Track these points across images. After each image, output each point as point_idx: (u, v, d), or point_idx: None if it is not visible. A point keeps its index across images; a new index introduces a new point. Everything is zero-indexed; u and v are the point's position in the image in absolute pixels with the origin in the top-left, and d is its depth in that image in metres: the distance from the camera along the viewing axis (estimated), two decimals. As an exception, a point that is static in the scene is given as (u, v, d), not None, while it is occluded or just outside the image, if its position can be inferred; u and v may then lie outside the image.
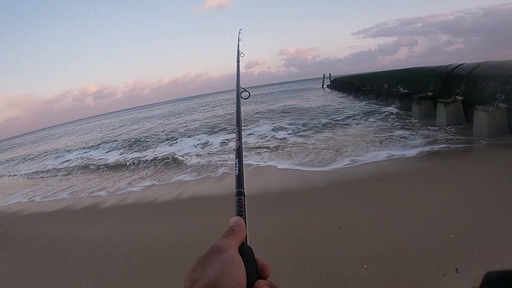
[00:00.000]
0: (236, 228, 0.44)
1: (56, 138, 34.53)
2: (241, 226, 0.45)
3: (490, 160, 4.86)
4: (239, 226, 0.45)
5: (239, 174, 0.62)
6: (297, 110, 17.80)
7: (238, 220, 0.46)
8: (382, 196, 3.99)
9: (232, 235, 0.42)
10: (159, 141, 13.87)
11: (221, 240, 0.41)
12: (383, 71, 19.10)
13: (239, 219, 0.47)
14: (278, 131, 10.96)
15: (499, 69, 6.89)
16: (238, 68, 1.43)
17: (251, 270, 0.39)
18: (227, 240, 0.41)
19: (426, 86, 9.89)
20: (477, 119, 6.28)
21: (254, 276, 0.39)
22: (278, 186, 5.02)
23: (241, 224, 0.45)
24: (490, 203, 3.29)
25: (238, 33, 2.01)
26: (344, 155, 6.34)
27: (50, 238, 4.54)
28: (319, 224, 3.42)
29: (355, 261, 2.62)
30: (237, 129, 0.80)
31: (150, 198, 5.61)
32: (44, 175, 11.08)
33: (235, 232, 0.43)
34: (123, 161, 10.24)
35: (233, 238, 0.42)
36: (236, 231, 0.43)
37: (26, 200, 7.74)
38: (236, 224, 0.45)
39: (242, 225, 0.45)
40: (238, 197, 0.56)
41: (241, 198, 0.55)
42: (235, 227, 0.44)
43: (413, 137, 7.08)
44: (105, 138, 20.04)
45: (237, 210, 0.53)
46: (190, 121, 21.29)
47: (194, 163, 7.92)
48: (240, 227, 0.44)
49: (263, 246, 3.07)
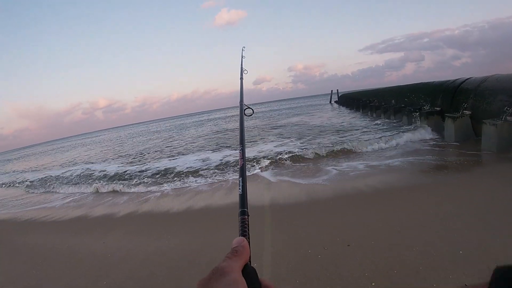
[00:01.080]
0: (240, 249, 0.43)
1: (64, 151, 35.22)
2: (245, 247, 0.44)
3: (500, 174, 4.78)
4: (242, 247, 0.44)
5: (242, 193, 0.61)
6: (304, 127, 17.79)
7: (242, 241, 0.45)
8: (390, 211, 3.96)
9: (235, 256, 0.41)
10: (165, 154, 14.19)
11: (224, 262, 0.40)
12: (390, 87, 19.09)
13: (242, 239, 0.46)
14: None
15: (506, 82, 6.88)
16: (241, 85, 1.43)
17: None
18: (230, 261, 0.40)
19: (434, 101, 9.89)
20: (485, 133, 6.22)
21: None
22: (283, 203, 5.03)
23: (244, 245, 0.44)
24: (499, 219, 3.23)
25: (241, 51, 2.02)
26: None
27: (56, 249, 4.62)
28: (326, 241, 3.40)
29: (363, 278, 2.60)
30: (241, 147, 0.78)
31: (157, 213, 5.67)
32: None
33: (238, 253, 0.42)
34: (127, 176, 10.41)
35: (236, 259, 0.41)
36: (239, 252, 0.42)
37: (33, 209, 7.91)
38: (240, 245, 0.44)
39: (245, 246, 0.44)
40: (242, 217, 0.54)
41: (245, 218, 0.54)
42: (239, 248, 0.43)
43: (422, 152, 7.02)
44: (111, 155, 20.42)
45: (241, 230, 0.52)
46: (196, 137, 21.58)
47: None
48: (243, 248, 0.43)
49: (270, 263, 3.07)
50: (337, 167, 6.98)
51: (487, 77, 7.78)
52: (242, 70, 1.68)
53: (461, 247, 2.78)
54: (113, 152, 21.18)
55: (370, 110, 18.62)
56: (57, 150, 38.78)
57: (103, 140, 45.06)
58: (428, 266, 2.59)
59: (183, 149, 15.69)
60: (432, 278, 2.43)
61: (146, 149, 19.42)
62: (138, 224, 5.31)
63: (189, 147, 16.21)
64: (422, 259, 2.70)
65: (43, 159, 27.99)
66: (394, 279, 2.51)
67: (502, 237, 2.83)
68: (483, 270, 2.40)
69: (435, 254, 2.75)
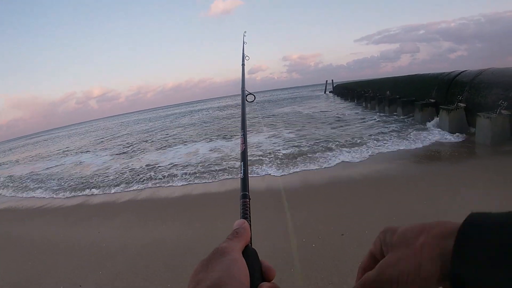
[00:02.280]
0: (241, 230, 0.43)
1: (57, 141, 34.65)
2: (246, 229, 0.44)
3: (493, 167, 4.85)
4: (243, 228, 0.44)
5: (244, 177, 0.61)
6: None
7: (243, 223, 0.46)
8: (385, 202, 3.98)
9: (236, 237, 0.42)
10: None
11: (225, 243, 0.40)
12: (385, 78, 19.03)
13: (243, 221, 0.46)
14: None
15: (502, 76, 6.90)
16: (243, 71, 1.38)
17: (255, 272, 0.39)
18: (231, 242, 0.40)
19: (428, 93, 9.90)
20: (479, 126, 6.27)
21: (258, 279, 0.39)
22: (280, 190, 5.02)
23: (245, 227, 0.45)
24: (492, 210, 3.27)
25: (243, 36, 1.92)
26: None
27: (51, 240, 4.56)
28: (321, 230, 3.41)
29: (357, 267, 2.60)
30: (242, 132, 0.78)
31: (153, 202, 5.63)
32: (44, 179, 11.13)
33: (239, 234, 0.42)
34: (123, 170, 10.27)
35: (237, 240, 0.41)
36: (240, 234, 0.43)
37: (28, 201, 7.79)
38: (241, 227, 0.44)
39: (246, 227, 0.45)
40: (243, 200, 0.55)
41: (246, 201, 0.55)
42: (240, 229, 0.44)
43: (415, 142, 7.05)
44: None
45: (242, 212, 0.52)
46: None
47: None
48: (244, 230, 0.44)
49: (266, 251, 3.06)
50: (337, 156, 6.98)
51: (482, 71, 7.80)
52: (243, 56, 1.58)
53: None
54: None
55: (364, 100, 18.62)
56: (51, 141, 37.87)
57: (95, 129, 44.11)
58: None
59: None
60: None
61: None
62: (134, 213, 5.26)
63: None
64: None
65: (35, 150, 27.05)
66: (388, 268, 2.52)
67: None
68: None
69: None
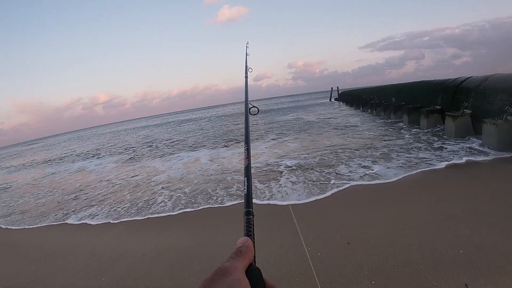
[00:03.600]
0: (244, 249, 0.42)
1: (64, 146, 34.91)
2: (249, 247, 0.43)
3: (500, 173, 4.78)
4: (246, 247, 0.43)
5: (247, 193, 0.60)
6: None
7: (246, 241, 0.45)
8: (390, 210, 3.95)
9: (239, 256, 0.41)
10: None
11: (227, 262, 0.39)
12: (390, 85, 19.02)
13: (247, 239, 0.46)
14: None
15: (507, 82, 6.85)
16: (246, 84, 1.35)
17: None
18: (234, 261, 0.39)
19: (434, 100, 9.87)
20: (485, 132, 6.22)
21: None
22: (283, 198, 5.03)
23: (249, 245, 0.44)
24: (499, 218, 3.23)
25: (246, 48, 1.90)
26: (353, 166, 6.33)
27: (54, 245, 4.61)
28: (326, 239, 3.40)
29: (363, 277, 2.60)
30: (246, 147, 0.76)
31: (155, 210, 5.65)
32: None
33: (242, 253, 0.41)
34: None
35: (240, 259, 0.40)
36: (243, 253, 0.42)
37: (33, 204, 7.88)
38: (244, 245, 0.43)
39: (250, 246, 0.44)
40: (247, 217, 0.53)
41: (250, 218, 0.53)
42: (243, 248, 0.43)
43: (422, 151, 7.01)
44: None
45: (246, 230, 0.51)
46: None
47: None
48: (248, 248, 0.43)
49: (270, 260, 3.07)
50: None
51: (488, 77, 7.76)
52: (246, 68, 1.58)
53: (461, 246, 2.79)
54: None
55: (370, 107, 18.66)
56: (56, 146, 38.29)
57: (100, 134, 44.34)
58: (429, 265, 2.58)
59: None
60: (432, 277, 2.43)
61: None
62: (137, 220, 5.30)
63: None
64: (422, 258, 2.70)
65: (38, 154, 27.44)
66: (394, 278, 2.51)
67: (502, 237, 2.83)
68: (483, 270, 2.40)
69: (435, 254, 2.75)
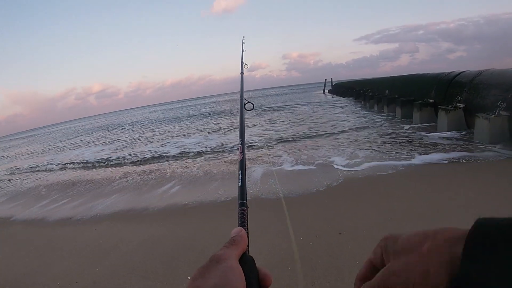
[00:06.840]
0: (238, 238, 0.44)
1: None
2: (243, 237, 0.45)
3: (491, 167, 4.86)
4: (240, 236, 0.45)
5: (242, 186, 0.62)
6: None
7: (240, 231, 0.47)
8: (382, 202, 3.98)
9: (233, 245, 0.43)
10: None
11: (221, 250, 0.41)
12: (384, 77, 19.13)
13: (240, 229, 0.47)
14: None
15: (501, 77, 6.90)
16: (241, 80, 1.36)
17: (252, 280, 0.40)
18: (227, 250, 0.41)
19: (427, 93, 9.91)
20: (478, 126, 6.29)
21: (255, 286, 0.40)
22: (277, 188, 5.01)
23: (242, 235, 0.46)
24: (490, 210, 3.28)
25: (242, 43, 1.88)
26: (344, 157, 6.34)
27: (48, 237, 4.53)
28: (318, 229, 3.40)
29: (355, 267, 2.60)
30: (240, 141, 0.80)
31: (150, 200, 5.59)
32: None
33: (236, 242, 0.43)
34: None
35: (234, 248, 0.42)
36: (237, 242, 0.44)
37: (25, 196, 7.72)
38: (238, 235, 0.45)
39: (243, 235, 0.46)
40: (241, 208, 0.56)
41: (244, 209, 0.56)
42: (237, 237, 0.45)
43: (414, 145, 7.07)
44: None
45: (240, 220, 0.53)
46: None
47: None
48: (241, 238, 0.45)
49: (263, 250, 3.06)
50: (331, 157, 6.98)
51: (481, 71, 7.81)
52: (242, 64, 1.58)
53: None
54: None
55: (363, 99, 18.83)
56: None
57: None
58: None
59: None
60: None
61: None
62: (131, 210, 5.23)
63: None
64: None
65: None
66: (385, 268, 2.52)
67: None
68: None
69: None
